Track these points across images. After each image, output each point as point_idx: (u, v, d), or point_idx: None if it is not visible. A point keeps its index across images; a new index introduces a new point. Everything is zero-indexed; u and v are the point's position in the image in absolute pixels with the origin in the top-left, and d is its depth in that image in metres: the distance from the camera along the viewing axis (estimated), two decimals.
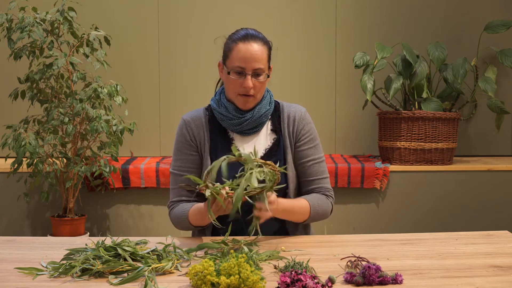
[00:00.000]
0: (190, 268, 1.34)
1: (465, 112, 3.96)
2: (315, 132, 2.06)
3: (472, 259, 1.59)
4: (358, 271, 1.41)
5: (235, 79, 1.93)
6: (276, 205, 1.77)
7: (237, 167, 1.77)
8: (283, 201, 1.85)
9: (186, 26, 3.91)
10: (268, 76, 1.97)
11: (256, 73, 1.92)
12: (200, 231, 2.04)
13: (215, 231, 2.01)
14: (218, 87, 2.13)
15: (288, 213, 1.90)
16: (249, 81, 1.91)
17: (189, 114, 2.06)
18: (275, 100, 2.07)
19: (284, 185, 1.95)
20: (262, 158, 1.98)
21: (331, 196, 2.02)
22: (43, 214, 3.46)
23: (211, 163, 1.98)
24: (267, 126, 2.04)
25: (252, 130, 2.00)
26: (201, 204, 1.87)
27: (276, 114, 2.05)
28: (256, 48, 1.92)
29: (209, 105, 2.06)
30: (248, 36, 1.94)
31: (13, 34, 3.19)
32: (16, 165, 3.09)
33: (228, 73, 1.94)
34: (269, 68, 1.99)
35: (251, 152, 1.69)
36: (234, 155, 1.68)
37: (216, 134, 2.02)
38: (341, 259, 1.57)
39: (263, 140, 2.02)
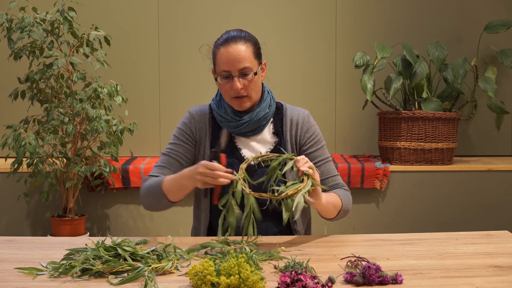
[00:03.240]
0: (190, 268, 1.34)
1: (465, 112, 3.96)
2: (320, 134, 2.05)
3: (472, 259, 1.59)
4: (358, 271, 1.41)
5: (224, 83, 1.93)
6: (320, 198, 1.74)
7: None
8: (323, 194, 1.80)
9: (186, 26, 3.91)
10: (256, 74, 1.93)
11: (242, 73, 1.91)
12: (198, 231, 2.03)
13: (211, 230, 2.01)
14: None
15: (328, 205, 1.85)
16: (237, 83, 1.90)
17: (195, 108, 2.06)
18: (278, 102, 2.06)
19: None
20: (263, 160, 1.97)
21: (349, 191, 2.02)
22: (43, 214, 3.46)
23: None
24: (269, 128, 2.03)
25: (251, 132, 2.00)
26: (184, 171, 1.83)
27: (279, 117, 2.04)
28: (237, 49, 1.90)
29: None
30: (229, 39, 1.93)
31: (13, 34, 3.19)
32: (16, 165, 3.09)
33: (216, 79, 1.95)
34: (260, 64, 1.97)
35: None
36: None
37: (218, 132, 2.02)
38: (341, 259, 1.56)
39: (265, 142, 2.02)
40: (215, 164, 1.72)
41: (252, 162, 1.78)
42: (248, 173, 1.77)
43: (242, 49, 1.91)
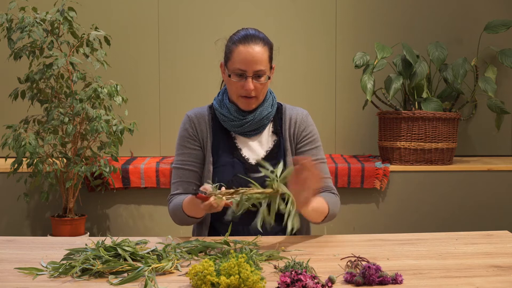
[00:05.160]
0: (190, 268, 1.34)
1: (465, 112, 3.96)
2: (317, 134, 2.06)
3: (472, 259, 1.59)
4: (358, 271, 1.41)
5: (236, 81, 1.93)
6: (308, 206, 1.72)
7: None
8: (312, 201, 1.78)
9: (186, 26, 3.91)
10: (269, 78, 1.96)
11: (257, 75, 1.92)
12: (198, 231, 2.03)
13: (212, 230, 2.01)
14: (222, 86, 2.13)
15: (314, 212, 1.83)
16: (250, 84, 1.91)
17: (193, 111, 2.06)
18: (278, 102, 2.07)
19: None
20: (263, 159, 1.98)
21: (337, 195, 2.02)
22: (43, 214, 3.46)
23: (213, 161, 1.98)
24: (269, 128, 2.04)
25: (253, 131, 2.00)
26: (192, 200, 1.84)
27: (278, 116, 2.05)
28: (256, 50, 1.91)
29: (212, 104, 2.07)
30: (248, 37, 1.93)
31: (13, 34, 3.19)
32: (16, 165, 3.09)
33: (229, 75, 1.94)
34: (271, 68, 1.99)
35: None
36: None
37: (219, 133, 2.02)
38: (341, 259, 1.56)
39: (264, 141, 2.02)
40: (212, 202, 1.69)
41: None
42: (249, 173, 1.77)
43: (260, 51, 1.91)
